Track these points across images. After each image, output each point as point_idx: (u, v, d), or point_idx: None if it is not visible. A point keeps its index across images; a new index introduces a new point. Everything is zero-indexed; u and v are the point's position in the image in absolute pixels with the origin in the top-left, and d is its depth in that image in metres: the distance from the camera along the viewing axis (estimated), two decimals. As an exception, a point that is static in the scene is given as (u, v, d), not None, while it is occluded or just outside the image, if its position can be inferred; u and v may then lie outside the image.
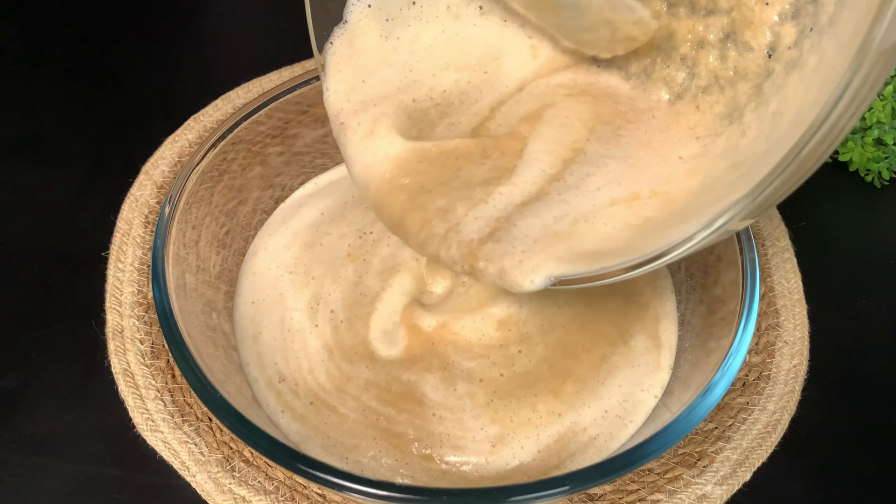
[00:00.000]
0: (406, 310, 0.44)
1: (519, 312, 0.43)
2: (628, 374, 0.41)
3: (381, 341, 0.43)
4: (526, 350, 0.42)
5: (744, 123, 0.33)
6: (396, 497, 0.30)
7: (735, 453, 0.41)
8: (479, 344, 0.42)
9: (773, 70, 0.32)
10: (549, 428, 0.39)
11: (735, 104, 0.34)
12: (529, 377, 0.41)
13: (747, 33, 0.33)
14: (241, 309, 0.45)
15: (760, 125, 0.32)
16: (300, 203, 0.51)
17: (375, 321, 0.44)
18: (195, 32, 0.68)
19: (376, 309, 0.44)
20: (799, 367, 0.45)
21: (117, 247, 0.49)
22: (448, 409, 0.40)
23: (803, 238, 0.52)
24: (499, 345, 0.42)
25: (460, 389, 0.40)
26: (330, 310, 0.45)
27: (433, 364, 0.41)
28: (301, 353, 0.43)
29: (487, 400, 0.40)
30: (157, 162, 0.54)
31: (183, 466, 0.39)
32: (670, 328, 0.44)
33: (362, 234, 0.49)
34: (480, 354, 0.42)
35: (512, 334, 0.42)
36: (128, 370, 0.43)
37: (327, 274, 0.46)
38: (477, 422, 0.39)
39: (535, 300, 0.44)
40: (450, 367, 0.41)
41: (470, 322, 0.43)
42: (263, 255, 0.48)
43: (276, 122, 0.48)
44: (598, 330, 0.43)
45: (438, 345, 0.42)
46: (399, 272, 0.47)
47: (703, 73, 0.36)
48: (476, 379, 0.41)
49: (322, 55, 0.39)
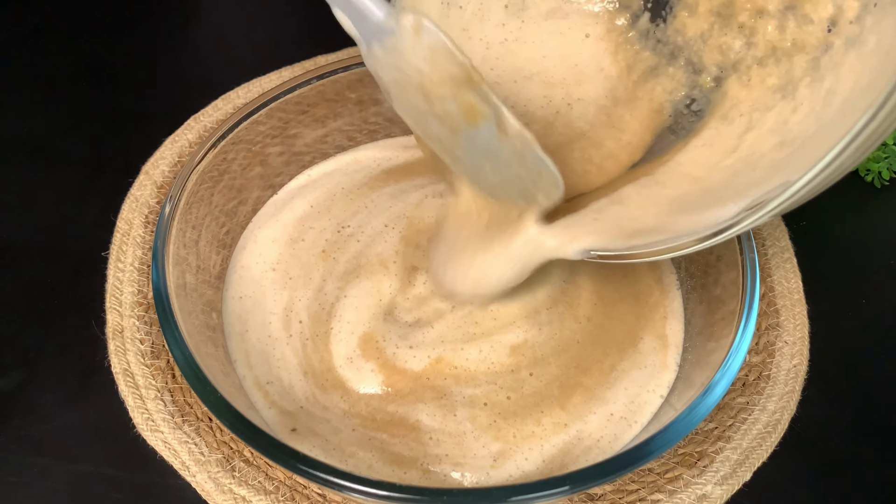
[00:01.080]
0: (367, 340, 0.41)
1: (537, 336, 0.42)
2: (635, 376, 0.41)
3: (347, 370, 0.41)
4: (538, 372, 0.41)
5: (797, 98, 0.32)
6: (397, 497, 0.30)
7: (735, 453, 0.41)
8: (487, 372, 0.41)
9: (832, 45, 0.32)
10: (553, 438, 0.39)
11: (790, 77, 0.33)
12: (538, 396, 0.40)
13: (808, 5, 0.33)
14: (229, 304, 0.44)
15: (813, 102, 0.31)
16: (292, 195, 0.50)
17: (335, 345, 0.42)
18: (195, 32, 0.68)
19: (331, 329, 0.42)
20: (799, 367, 0.45)
21: (117, 247, 0.49)
22: (447, 434, 0.39)
23: (803, 238, 0.52)
24: (509, 370, 0.41)
25: (461, 415, 0.39)
26: (299, 320, 0.43)
27: (426, 396, 0.40)
28: (281, 365, 0.41)
29: (490, 421, 0.39)
30: (157, 162, 0.54)
31: (183, 466, 0.39)
32: (677, 326, 0.44)
33: (340, 228, 0.48)
34: (487, 381, 0.40)
35: (525, 359, 0.41)
36: (128, 370, 0.43)
37: (301, 275, 0.45)
38: (478, 441, 0.38)
39: (557, 320, 0.43)
40: (448, 396, 0.40)
41: (476, 352, 0.41)
42: (252, 248, 0.47)
43: (276, 122, 0.48)
44: (611, 338, 0.43)
45: (435, 379, 0.40)
46: (358, 277, 0.45)
47: (760, 42, 0.35)
48: (479, 403, 0.40)
49: None
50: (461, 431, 0.39)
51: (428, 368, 0.40)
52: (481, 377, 0.40)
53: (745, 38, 0.36)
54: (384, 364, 0.41)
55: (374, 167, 0.53)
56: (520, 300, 0.43)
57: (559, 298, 0.44)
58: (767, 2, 0.35)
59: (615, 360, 0.42)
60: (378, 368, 0.41)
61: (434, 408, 0.39)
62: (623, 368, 0.41)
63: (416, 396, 0.40)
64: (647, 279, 0.46)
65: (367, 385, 0.40)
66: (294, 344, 0.42)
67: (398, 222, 0.48)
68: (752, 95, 0.35)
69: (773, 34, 0.34)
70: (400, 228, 0.48)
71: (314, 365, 0.41)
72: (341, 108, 0.51)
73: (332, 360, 0.41)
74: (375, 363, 0.41)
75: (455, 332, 0.42)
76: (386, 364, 0.41)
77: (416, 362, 0.41)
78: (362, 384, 0.40)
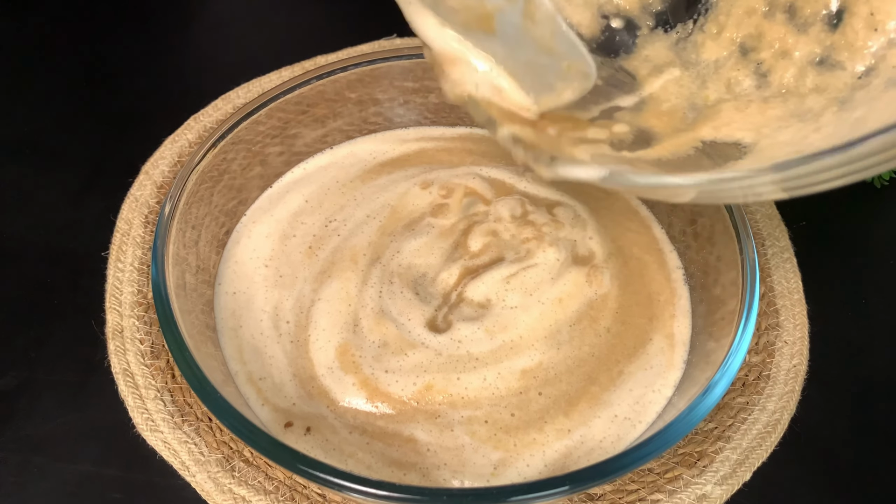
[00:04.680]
0: (343, 352, 0.40)
1: (554, 356, 0.41)
2: (641, 377, 0.41)
3: (329, 380, 0.39)
4: (547, 391, 0.40)
5: (819, 122, 0.30)
6: (397, 497, 0.30)
7: (735, 453, 0.40)
8: (491, 397, 0.39)
9: (869, 84, 0.30)
10: (556, 444, 0.38)
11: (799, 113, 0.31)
12: (543, 411, 0.39)
13: (845, 54, 0.31)
14: (221, 298, 0.44)
15: (838, 126, 0.29)
16: (287, 189, 0.50)
17: (315, 353, 0.41)
18: (195, 32, 0.68)
19: (309, 336, 0.41)
20: (799, 367, 0.44)
21: (117, 247, 0.49)
22: (444, 448, 0.38)
23: (803, 238, 0.52)
24: (517, 392, 0.40)
25: (458, 431, 0.38)
26: (286, 321, 0.42)
27: (418, 417, 0.38)
28: (273, 364, 0.41)
29: (490, 434, 0.38)
30: (157, 162, 0.54)
31: (183, 466, 0.39)
32: (684, 323, 0.44)
33: (328, 222, 0.47)
34: (490, 404, 0.39)
35: (537, 381, 0.40)
36: (128, 370, 0.43)
37: (289, 274, 0.45)
38: (477, 452, 0.38)
39: (577, 337, 0.42)
40: (444, 416, 0.38)
41: (479, 380, 0.39)
42: (246, 242, 0.47)
43: (276, 122, 0.48)
44: (624, 345, 0.42)
45: (426, 405, 0.38)
46: (330, 277, 0.44)
47: (774, 83, 0.33)
48: (480, 421, 0.38)
49: None
50: (459, 445, 0.38)
51: (416, 395, 0.39)
52: (484, 402, 0.39)
53: (760, 78, 0.33)
54: (364, 382, 0.39)
55: (369, 160, 0.52)
56: (548, 317, 0.42)
57: (585, 313, 0.43)
58: (798, 46, 0.32)
59: (624, 365, 0.42)
60: (359, 384, 0.39)
61: (429, 426, 0.38)
62: (630, 371, 0.41)
63: (408, 417, 0.39)
64: (658, 277, 0.46)
65: (351, 398, 0.39)
66: (284, 344, 0.42)
67: (381, 212, 0.48)
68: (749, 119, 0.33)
69: (790, 81, 0.32)
70: (381, 219, 0.47)
71: (300, 370, 0.40)
72: (341, 107, 0.51)
73: (314, 368, 0.40)
74: (355, 378, 0.40)
75: (442, 361, 0.40)
76: (367, 383, 0.39)
77: (399, 387, 0.39)
78: (346, 397, 0.39)
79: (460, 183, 0.50)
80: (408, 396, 0.39)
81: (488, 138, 0.55)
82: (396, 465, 0.37)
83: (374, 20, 0.63)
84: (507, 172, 0.52)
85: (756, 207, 0.53)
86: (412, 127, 0.55)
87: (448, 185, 0.50)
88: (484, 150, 0.54)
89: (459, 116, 0.55)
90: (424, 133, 0.55)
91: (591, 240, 0.47)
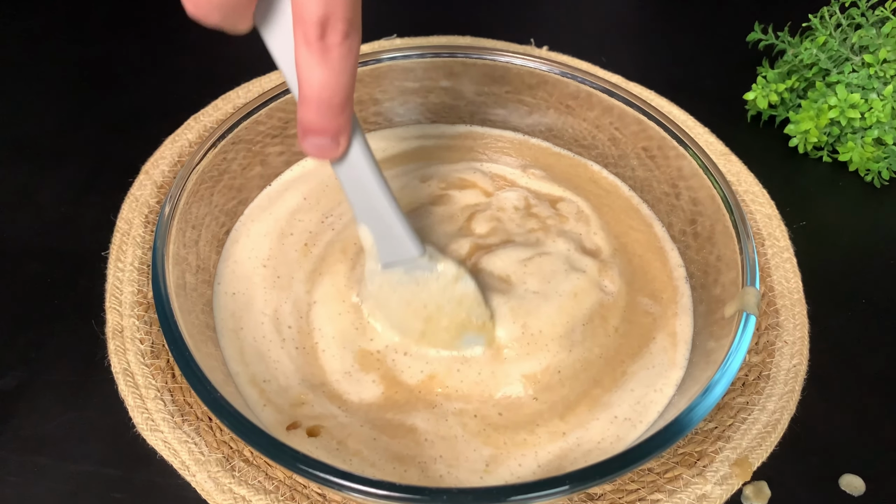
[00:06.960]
0: (364, 355, 0.40)
1: (567, 357, 0.40)
2: (642, 377, 0.41)
3: (346, 383, 0.40)
4: (544, 397, 0.40)
5: None
6: (396, 497, 0.30)
7: (735, 453, 0.41)
8: (481, 395, 0.39)
9: None
10: (549, 445, 0.38)
11: None
12: (536, 415, 0.39)
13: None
14: (220, 299, 0.43)
15: None
16: (286, 187, 0.50)
17: (327, 360, 0.41)
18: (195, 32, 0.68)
19: (317, 343, 0.41)
20: (799, 366, 0.45)
21: (117, 247, 0.49)
22: (440, 437, 0.38)
23: (803, 238, 0.52)
24: (508, 396, 0.40)
25: (451, 420, 0.39)
26: (288, 325, 0.42)
27: (419, 405, 0.39)
28: (278, 367, 0.41)
29: (480, 429, 0.38)
30: (157, 162, 0.54)
31: (183, 466, 0.39)
32: (686, 321, 0.44)
33: (324, 218, 0.47)
34: (480, 401, 0.39)
35: (539, 385, 0.40)
36: (128, 370, 0.43)
37: (285, 274, 0.44)
38: (469, 445, 0.38)
39: (590, 337, 0.42)
40: (439, 406, 0.39)
41: (475, 374, 0.40)
42: (245, 241, 0.46)
43: (276, 122, 0.48)
44: (629, 345, 0.42)
45: (426, 394, 0.40)
46: (321, 275, 0.44)
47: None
48: (469, 415, 0.39)
49: None
50: (453, 435, 0.38)
51: (420, 384, 0.40)
52: (474, 398, 0.39)
53: None
54: (384, 375, 0.40)
55: None
56: (565, 313, 0.42)
57: (596, 311, 0.42)
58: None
59: (628, 365, 0.41)
60: (379, 380, 0.40)
61: (427, 414, 0.39)
62: (633, 371, 0.41)
63: (412, 406, 0.39)
64: (661, 275, 0.46)
65: (366, 395, 0.40)
66: (289, 350, 0.41)
67: None
68: None
69: None
70: None
71: (309, 376, 0.40)
72: (341, 107, 0.51)
73: (326, 375, 0.40)
74: (377, 374, 0.40)
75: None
76: (387, 375, 0.40)
77: (410, 375, 0.40)
78: (362, 395, 0.40)
79: (460, 177, 0.50)
80: (415, 384, 0.40)
81: (488, 137, 0.55)
82: (398, 460, 0.37)
83: (373, 20, 0.63)
84: (508, 168, 0.52)
85: (756, 207, 0.54)
86: (412, 125, 0.55)
87: (447, 178, 0.50)
88: (484, 148, 0.54)
89: (459, 115, 0.55)
90: (424, 131, 0.55)
91: (595, 235, 0.47)
